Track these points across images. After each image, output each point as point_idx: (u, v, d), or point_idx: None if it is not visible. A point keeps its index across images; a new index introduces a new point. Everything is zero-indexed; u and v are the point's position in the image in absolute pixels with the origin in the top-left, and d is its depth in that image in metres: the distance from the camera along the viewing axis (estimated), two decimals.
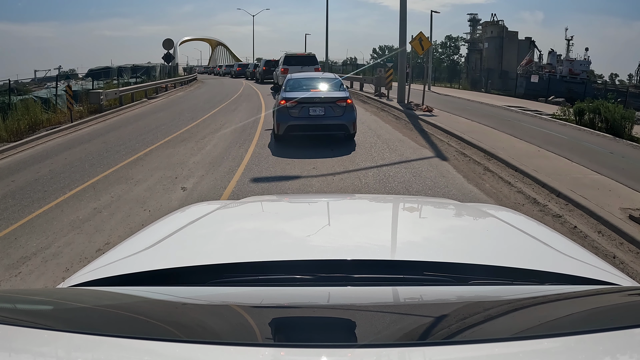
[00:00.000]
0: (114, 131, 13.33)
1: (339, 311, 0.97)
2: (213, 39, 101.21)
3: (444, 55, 77.71)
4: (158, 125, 13.65)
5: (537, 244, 1.42)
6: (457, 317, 0.92)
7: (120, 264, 1.26)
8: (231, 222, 1.76)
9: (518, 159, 8.59)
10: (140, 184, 7.43)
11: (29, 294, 1.31)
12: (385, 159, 8.75)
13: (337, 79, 11.49)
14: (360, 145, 10.02)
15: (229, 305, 1.02)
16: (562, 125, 15.54)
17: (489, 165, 8.43)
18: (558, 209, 6.32)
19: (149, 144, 10.76)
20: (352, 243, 1.42)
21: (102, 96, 17.76)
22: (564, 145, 10.76)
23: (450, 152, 9.43)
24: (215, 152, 9.53)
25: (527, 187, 7.21)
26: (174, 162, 8.75)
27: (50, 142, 12.45)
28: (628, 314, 0.91)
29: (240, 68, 48.80)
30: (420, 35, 15.21)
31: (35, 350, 0.75)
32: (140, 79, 30.39)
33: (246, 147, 10.01)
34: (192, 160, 8.80)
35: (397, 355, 0.72)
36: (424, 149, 9.77)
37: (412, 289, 1.11)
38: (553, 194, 6.86)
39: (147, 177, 7.77)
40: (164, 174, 7.92)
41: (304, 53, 26.25)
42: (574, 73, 43.21)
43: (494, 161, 8.69)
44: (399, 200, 2.30)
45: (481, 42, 57.00)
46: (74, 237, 5.39)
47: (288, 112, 9.82)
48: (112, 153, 9.98)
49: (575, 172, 8.06)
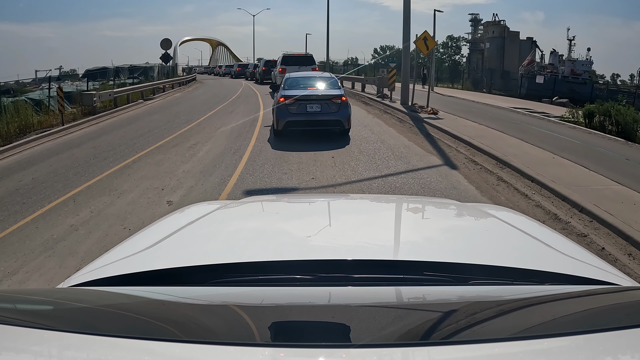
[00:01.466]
0: (106, 135, 12.75)
1: (339, 311, 0.96)
2: (213, 39, 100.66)
3: (445, 56, 77.22)
4: (151, 129, 13.06)
5: (537, 244, 1.41)
6: (457, 317, 0.91)
7: (120, 264, 1.25)
8: (231, 222, 1.75)
9: (533, 167, 8.00)
10: (124, 196, 6.84)
11: (29, 294, 1.31)
12: (390, 168, 8.14)
13: (333, 77, 11.92)
14: (363, 152, 9.42)
15: (229, 305, 1.01)
16: (572, 128, 14.98)
17: (503, 175, 7.83)
18: (582, 227, 5.73)
19: (139, 149, 10.16)
20: (352, 243, 1.40)
21: (96, 98, 17.19)
22: (578, 150, 10.19)
23: (459, 160, 8.81)
24: (207, 159, 8.93)
25: (546, 200, 6.62)
26: (162, 170, 8.14)
27: (39, 147, 11.89)
28: (628, 314, 0.90)
29: (240, 68, 48.25)
30: (425, 35, 14.57)
31: (36, 350, 0.75)
32: (137, 80, 29.86)
33: (241, 153, 9.41)
34: (182, 169, 8.19)
35: (397, 355, 0.72)
36: (432, 156, 9.14)
37: (412, 289, 1.11)
38: (575, 209, 6.27)
39: (132, 188, 7.17)
40: (151, 184, 7.32)
41: (302, 53, 25.80)
42: (576, 73, 42.72)
43: (507, 170, 8.09)
44: (399, 200, 2.31)
45: (482, 42, 56.72)
46: (44, 261, 4.81)
47: (287, 109, 10.30)
48: (100, 160, 9.39)
49: (594, 182, 7.47)
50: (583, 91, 35.84)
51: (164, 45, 31.56)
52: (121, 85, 24.23)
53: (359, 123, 13.26)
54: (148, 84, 25.27)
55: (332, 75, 12.47)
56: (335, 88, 11.05)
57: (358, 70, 41.11)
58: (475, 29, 60.90)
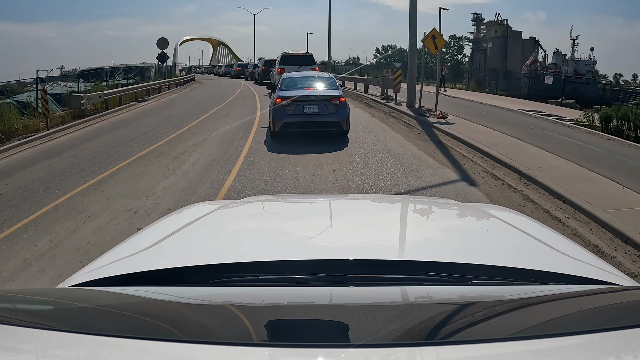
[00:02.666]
0: (89, 141, 11.82)
1: (339, 311, 0.96)
2: (214, 38, 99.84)
3: (447, 55, 76.24)
4: (138, 135, 12.11)
5: (538, 244, 1.40)
6: (458, 317, 0.92)
7: (120, 264, 1.25)
8: (231, 222, 1.73)
9: (562, 183, 7.03)
10: (92, 220, 5.89)
11: (29, 293, 1.29)
12: (400, 185, 7.14)
13: (331, 78, 11.57)
14: (368, 164, 8.45)
15: (229, 305, 1.01)
16: (589, 133, 14.05)
17: (529, 193, 6.87)
18: (630, 263, 4.81)
19: (120, 159, 9.21)
20: (352, 243, 1.40)
21: (84, 100, 16.23)
22: (602, 161, 9.24)
23: (477, 173, 7.82)
24: (192, 173, 7.94)
25: (583, 227, 5.66)
26: (141, 186, 7.17)
27: (18, 155, 10.99)
28: (628, 314, 0.90)
29: (240, 68, 47.37)
30: (433, 32, 13.52)
31: (35, 350, 0.74)
32: (132, 81, 28.96)
33: (230, 165, 8.42)
34: (162, 185, 7.21)
35: (397, 354, 0.72)
36: (446, 169, 8.14)
37: (413, 288, 1.10)
38: (619, 239, 5.32)
39: (103, 210, 6.22)
40: (124, 205, 6.37)
41: (301, 53, 24.91)
42: (579, 73, 42.21)
43: (533, 186, 7.13)
44: (399, 200, 2.39)
45: (485, 42, 56.31)
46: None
47: (283, 110, 9.99)
48: (76, 172, 8.46)
49: (632, 202, 6.51)
50: (587, 91, 35.26)
51: (160, 44, 30.65)
52: (113, 86, 23.30)
53: (363, 128, 12.29)
54: (142, 85, 24.32)
55: (331, 75, 12.13)
56: (334, 88, 10.73)
57: (360, 69, 40.10)
58: (478, 29, 60.25)
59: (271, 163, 8.52)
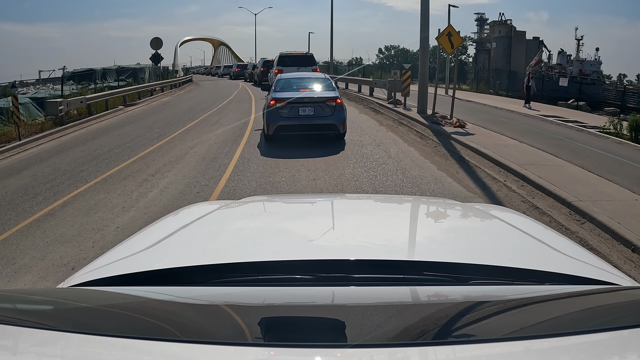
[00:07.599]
0: (58, 155, 10.33)
1: (339, 311, 0.96)
2: (215, 38, 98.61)
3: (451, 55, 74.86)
4: (112, 147, 10.59)
5: (537, 244, 1.39)
6: (458, 316, 0.90)
7: (120, 264, 1.23)
8: (231, 222, 1.71)
9: (624, 222, 5.48)
10: (18, 278, 4.38)
11: (29, 293, 1.28)
12: None
13: (328, 79, 11.17)
14: (378, 189, 6.92)
15: (229, 305, 1.00)
16: (619, 144, 12.66)
17: (585, 235, 5.34)
18: None
19: (81, 182, 7.69)
20: (352, 243, 1.39)
21: (62, 106, 14.72)
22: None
23: (516, 205, 6.22)
24: (159, 204, 6.36)
25: None
26: (91, 225, 5.59)
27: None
28: (628, 314, 0.89)
29: (239, 69, 45.93)
30: (449, 29, 11.94)
31: (35, 350, 0.74)
32: (124, 83, 27.50)
33: (207, 193, 6.82)
34: (117, 223, 5.62)
35: (398, 354, 0.71)
36: (476, 199, 6.53)
37: (413, 288, 1.09)
38: None
39: (35, 263, 4.70)
40: (63, 255, 4.83)
41: (301, 52, 23.29)
42: (585, 73, 40.94)
43: (589, 225, 5.60)
44: (400, 200, 2.33)
45: (489, 42, 55.63)
46: None
47: (278, 112, 9.67)
48: (28, 198, 6.96)
49: None
50: (593, 92, 34.11)
51: (154, 44, 29.19)
52: (100, 89, 21.78)
53: (370, 140, 10.75)
54: (131, 87, 22.85)
55: (327, 76, 11.63)
56: (330, 90, 10.33)
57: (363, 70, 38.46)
58: (481, 29, 59.21)
59: (260, 188, 6.99)
